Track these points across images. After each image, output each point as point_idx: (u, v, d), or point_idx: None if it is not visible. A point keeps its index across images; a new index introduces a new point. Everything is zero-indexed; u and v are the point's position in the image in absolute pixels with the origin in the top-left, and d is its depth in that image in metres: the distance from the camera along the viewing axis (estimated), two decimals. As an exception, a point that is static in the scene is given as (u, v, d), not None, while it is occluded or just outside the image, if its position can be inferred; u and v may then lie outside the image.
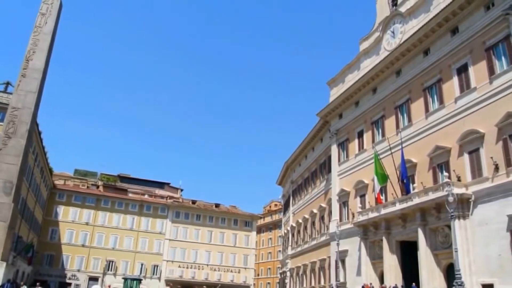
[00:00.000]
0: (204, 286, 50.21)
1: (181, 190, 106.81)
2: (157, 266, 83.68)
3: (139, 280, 61.89)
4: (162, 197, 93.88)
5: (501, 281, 25.83)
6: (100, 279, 77.07)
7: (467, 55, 31.83)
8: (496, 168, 27.67)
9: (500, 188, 27.07)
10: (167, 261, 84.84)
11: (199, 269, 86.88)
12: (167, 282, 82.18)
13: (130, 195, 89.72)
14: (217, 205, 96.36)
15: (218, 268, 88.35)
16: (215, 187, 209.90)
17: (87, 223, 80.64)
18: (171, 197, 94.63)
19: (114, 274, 79.07)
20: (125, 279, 61.13)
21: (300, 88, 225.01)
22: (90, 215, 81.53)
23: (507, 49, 28.48)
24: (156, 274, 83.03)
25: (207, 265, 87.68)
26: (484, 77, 29.97)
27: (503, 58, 28.94)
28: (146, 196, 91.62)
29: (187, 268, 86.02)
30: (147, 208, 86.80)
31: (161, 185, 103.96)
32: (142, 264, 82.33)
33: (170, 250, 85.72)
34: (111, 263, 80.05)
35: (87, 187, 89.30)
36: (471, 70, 31.31)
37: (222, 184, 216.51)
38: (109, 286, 59.49)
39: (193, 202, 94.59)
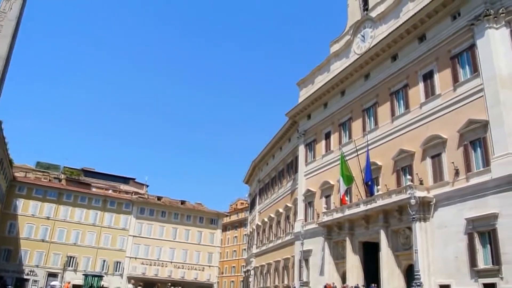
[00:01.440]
0: (169, 284, 49.62)
1: (147, 186, 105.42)
2: (120, 262, 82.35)
3: (100, 277, 60.62)
4: (127, 192, 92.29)
5: (457, 282, 26.71)
6: (59, 275, 75.17)
7: (433, 62, 32.70)
8: (457, 173, 28.58)
9: (459, 192, 27.98)
10: (130, 257, 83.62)
11: (162, 266, 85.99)
12: (129, 279, 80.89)
13: (94, 189, 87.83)
14: (183, 202, 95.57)
15: (182, 265, 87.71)
16: (181, 184, 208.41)
17: (48, 218, 78.41)
18: (136, 193, 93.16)
19: (75, 270, 77.34)
20: (86, 276, 59.77)
21: (270, 88, 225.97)
22: (51, 209, 79.30)
23: (471, 58, 29.43)
24: (118, 271, 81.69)
25: (171, 262, 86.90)
26: (448, 85, 30.88)
27: (467, 66, 29.90)
28: (110, 191, 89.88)
29: (150, 265, 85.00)
30: (111, 203, 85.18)
31: (126, 180, 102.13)
32: (104, 261, 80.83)
33: (133, 247, 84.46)
34: (71, 259, 78.22)
35: (49, 180, 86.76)
36: (436, 77, 32.19)
37: (188, 181, 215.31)
38: (69, 283, 58.05)
39: (159, 198, 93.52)
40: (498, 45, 27.83)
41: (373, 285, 31.21)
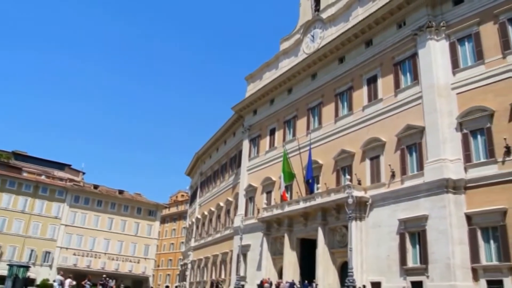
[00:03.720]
0: (104, 275, 48.06)
1: (83, 173, 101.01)
2: (50, 253, 78.57)
3: (26, 267, 57.53)
4: (61, 179, 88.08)
5: (388, 280, 27.97)
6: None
7: (377, 67, 33.87)
8: (393, 175, 29.85)
9: (393, 194, 29.26)
10: (61, 248, 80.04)
11: (95, 257, 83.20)
12: (59, 270, 77.47)
13: (25, 174, 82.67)
14: (121, 192, 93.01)
15: (116, 257, 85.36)
16: (121, 173, 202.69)
17: (-30, 202, 73.35)
18: (71, 180, 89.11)
19: (-2, 260, 72.99)
20: (10, 266, 56.55)
21: (218, 80, 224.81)
22: (-25, 194, 74.23)
23: (413, 66, 30.81)
24: (47, 262, 77.91)
25: (105, 253, 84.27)
26: (390, 90, 32.13)
27: (408, 74, 31.27)
28: (43, 177, 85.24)
29: (83, 256, 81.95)
30: (43, 190, 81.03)
31: (61, 166, 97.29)
32: (32, 250, 76.59)
33: (65, 236, 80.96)
34: (-4, 247, 73.77)
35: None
36: (380, 82, 33.39)
37: (129, 170, 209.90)
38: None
39: (95, 187, 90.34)
40: (437, 56, 29.29)
41: (306, 282, 32.00)
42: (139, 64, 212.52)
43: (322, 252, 32.76)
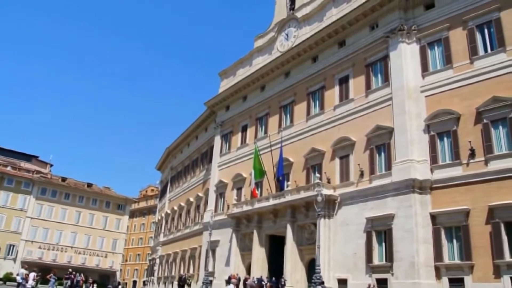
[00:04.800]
0: (70, 269, 47.22)
1: (51, 165, 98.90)
2: (14, 246, 76.77)
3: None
4: (27, 170, 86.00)
5: (354, 277, 28.49)
6: None
7: (349, 68, 34.32)
8: (361, 175, 30.37)
9: (362, 193, 29.78)
10: (26, 241, 78.30)
11: (62, 251, 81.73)
12: (24, 263, 75.71)
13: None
14: (89, 185, 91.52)
15: (83, 251, 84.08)
16: (90, 166, 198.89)
17: None
18: (38, 172, 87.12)
19: (-41, 253, 70.79)
20: (-29, 259, 55.04)
21: (190, 76, 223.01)
22: None
23: (384, 68, 31.36)
24: (11, 255, 76.08)
25: (72, 247, 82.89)
26: (361, 91, 32.63)
27: (379, 75, 31.82)
28: (8, 168, 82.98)
29: (49, 249, 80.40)
30: (9, 181, 79.03)
31: (28, 157, 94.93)
32: (-5, 243, 74.83)
33: (31, 229, 79.19)
34: (-45, 240, 71.43)
35: None
36: (351, 82, 33.86)
37: (98, 163, 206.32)
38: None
39: (63, 179, 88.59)
40: (408, 59, 29.89)
41: (273, 279, 32.28)
42: (110, 55, 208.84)
43: (291, 249, 33.09)
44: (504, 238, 22.64)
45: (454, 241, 24.85)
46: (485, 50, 26.57)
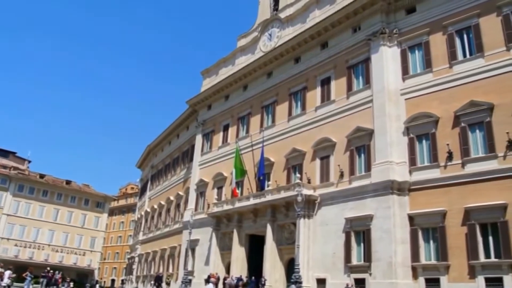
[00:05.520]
0: (48, 268, 46.51)
1: (29, 161, 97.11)
2: (-11, 243, 75.27)
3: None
4: (4, 167, 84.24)
5: (332, 276, 28.74)
6: None
7: (331, 69, 34.59)
8: (341, 175, 30.66)
9: (341, 194, 30.06)
10: (2, 238, 76.90)
11: (39, 249, 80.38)
12: (-1, 261, 74.38)
13: (-35, 161, 79.05)
14: (68, 182, 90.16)
15: (61, 249, 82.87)
16: (69, 163, 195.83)
17: None
18: (15, 168, 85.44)
19: None
20: None
21: (173, 73, 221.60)
22: None
23: (365, 70, 31.70)
24: (-14, 252, 74.56)
25: (49, 245, 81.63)
26: (343, 92, 32.92)
27: (360, 77, 32.16)
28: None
29: (25, 247, 79.05)
30: (-16, 178, 77.46)
31: (5, 153, 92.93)
32: (-31, 241, 73.20)
33: (7, 227, 77.77)
34: None
35: None
36: (333, 83, 34.13)
37: (77, 160, 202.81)
38: None
39: (41, 176, 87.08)
40: (389, 61, 30.28)
41: (253, 278, 32.35)
42: (96, 48, 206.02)
43: (270, 248, 33.20)
44: (479, 239, 23.18)
45: (431, 241, 25.29)
46: (464, 55, 27.13)
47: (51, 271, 42.74)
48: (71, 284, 52.86)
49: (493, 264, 22.38)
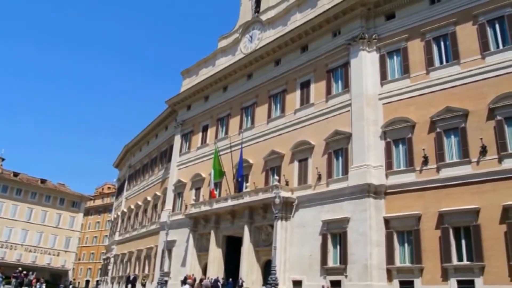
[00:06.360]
0: (20, 268, 45.56)
1: (2, 159, 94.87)
2: (-42, 243, 73.21)
3: None
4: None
5: (309, 278, 28.89)
6: None
7: (311, 72, 34.82)
8: (319, 178, 30.86)
9: (319, 196, 30.25)
10: (-27, 237, 74.91)
11: (11, 249, 78.51)
12: (-31, 261, 72.51)
13: None
14: (43, 181, 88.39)
15: (34, 249, 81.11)
16: (44, 161, 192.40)
17: None
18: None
19: None
20: None
21: (153, 72, 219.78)
22: None
23: (344, 74, 32.01)
24: (-45, 252, 72.49)
25: (22, 245, 79.80)
26: (322, 96, 33.18)
27: (339, 81, 32.45)
28: (-44, 162, 79.45)
29: (-3, 247, 77.14)
30: (-44, 176, 75.36)
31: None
32: None
33: (-22, 226, 75.73)
34: None
35: None
36: (313, 87, 34.37)
37: (53, 159, 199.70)
38: None
39: (15, 174, 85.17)
40: (368, 66, 30.64)
41: (230, 280, 32.30)
42: (72, 45, 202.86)
43: (247, 250, 33.19)
44: (452, 242, 23.64)
45: (406, 244, 25.67)
46: (441, 61, 27.66)
47: (24, 271, 41.83)
48: (44, 286, 51.84)
49: (465, 267, 22.83)
